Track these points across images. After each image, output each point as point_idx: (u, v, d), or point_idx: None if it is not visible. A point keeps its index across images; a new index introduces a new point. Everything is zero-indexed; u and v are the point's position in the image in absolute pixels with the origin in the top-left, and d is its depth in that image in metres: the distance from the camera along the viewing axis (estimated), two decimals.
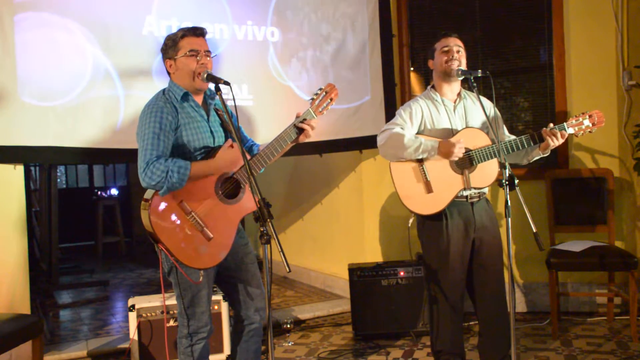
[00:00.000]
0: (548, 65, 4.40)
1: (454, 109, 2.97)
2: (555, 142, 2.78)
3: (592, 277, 4.24)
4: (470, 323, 4.05)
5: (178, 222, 2.34)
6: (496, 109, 3.00)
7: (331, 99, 2.63)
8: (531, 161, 2.98)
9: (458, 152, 2.79)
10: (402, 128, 2.90)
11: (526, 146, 2.83)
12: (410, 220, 3.05)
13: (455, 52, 2.89)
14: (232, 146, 2.41)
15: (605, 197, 4.06)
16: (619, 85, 4.18)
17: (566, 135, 2.80)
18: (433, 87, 3.02)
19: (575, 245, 3.86)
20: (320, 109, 2.61)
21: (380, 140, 2.94)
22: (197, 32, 2.46)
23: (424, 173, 2.88)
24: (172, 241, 2.33)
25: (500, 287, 2.96)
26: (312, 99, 2.61)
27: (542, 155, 2.91)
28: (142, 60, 3.57)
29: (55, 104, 3.38)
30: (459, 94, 2.99)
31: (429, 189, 2.88)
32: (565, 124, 2.81)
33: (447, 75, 2.93)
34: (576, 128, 2.82)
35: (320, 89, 2.63)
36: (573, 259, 3.77)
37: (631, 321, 3.68)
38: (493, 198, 4.24)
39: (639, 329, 3.65)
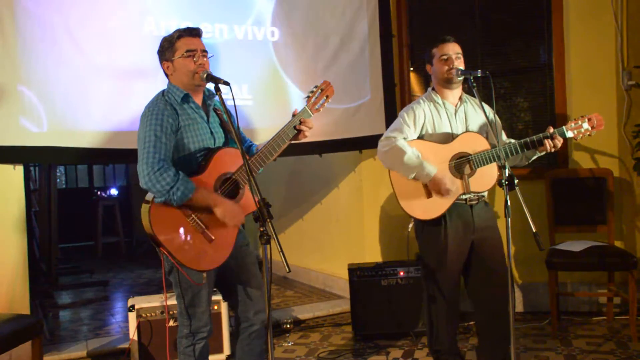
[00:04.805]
0: (548, 65, 4.39)
1: (455, 113, 2.96)
2: (553, 149, 2.79)
3: (592, 277, 4.23)
4: (470, 323, 4.05)
5: (179, 224, 2.34)
6: (496, 115, 3.00)
7: (327, 97, 2.63)
8: (530, 161, 2.99)
9: (444, 194, 2.81)
10: (405, 138, 2.89)
11: (525, 151, 2.83)
12: (410, 225, 3.04)
13: (454, 59, 2.88)
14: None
15: (605, 197, 4.06)
16: (618, 85, 4.18)
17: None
18: (434, 89, 3.02)
19: (575, 245, 3.86)
20: (316, 107, 2.60)
21: (381, 147, 2.93)
22: (193, 33, 2.46)
23: None
24: (173, 243, 2.32)
25: (502, 289, 2.83)
26: (308, 96, 2.61)
27: (539, 155, 2.92)
28: (142, 60, 3.57)
29: (55, 104, 3.38)
30: (460, 98, 2.99)
31: (428, 193, 2.87)
32: (564, 127, 2.81)
33: (448, 82, 2.92)
34: (575, 131, 2.82)
35: (316, 87, 2.63)
36: (573, 259, 3.77)
37: (631, 321, 3.68)
38: (493, 198, 4.24)
39: (639, 329, 3.65)
